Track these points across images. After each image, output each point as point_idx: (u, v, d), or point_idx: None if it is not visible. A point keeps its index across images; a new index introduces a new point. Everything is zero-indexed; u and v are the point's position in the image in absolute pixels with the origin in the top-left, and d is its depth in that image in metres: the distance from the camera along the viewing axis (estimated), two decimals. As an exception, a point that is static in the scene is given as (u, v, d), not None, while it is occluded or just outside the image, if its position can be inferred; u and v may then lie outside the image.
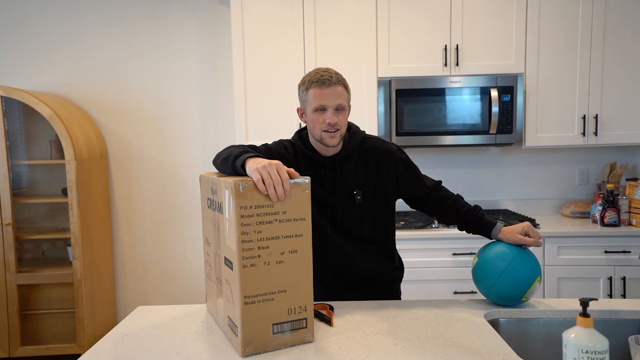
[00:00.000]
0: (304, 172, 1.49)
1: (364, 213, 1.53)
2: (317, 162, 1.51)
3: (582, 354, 0.94)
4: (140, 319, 1.38)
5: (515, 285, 1.35)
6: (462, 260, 2.56)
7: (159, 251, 3.24)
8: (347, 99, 1.45)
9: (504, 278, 1.35)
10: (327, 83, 1.40)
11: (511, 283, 1.34)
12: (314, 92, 1.41)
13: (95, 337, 2.95)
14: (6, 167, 2.75)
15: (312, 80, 1.42)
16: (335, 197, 1.50)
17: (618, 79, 2.75)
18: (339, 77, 1.43)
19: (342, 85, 1.43)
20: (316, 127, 1.43)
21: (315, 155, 1.50)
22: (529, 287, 1.35)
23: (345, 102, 1.43)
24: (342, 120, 1.43)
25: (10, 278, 2.80)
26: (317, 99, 1.40)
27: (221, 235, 1.18)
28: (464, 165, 3.14)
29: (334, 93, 1.40)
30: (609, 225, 2.62)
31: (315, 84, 1.41)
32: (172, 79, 3.17)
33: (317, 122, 1.42)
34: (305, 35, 2.78)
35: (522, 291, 1.35)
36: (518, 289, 1.35)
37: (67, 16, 3.12)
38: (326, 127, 1.41)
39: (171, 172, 3.21)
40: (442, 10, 2.75)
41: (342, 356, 1.10)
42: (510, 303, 1.38)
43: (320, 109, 1.41)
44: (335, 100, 1.40)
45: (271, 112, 2.84)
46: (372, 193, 1.53)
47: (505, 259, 1.37)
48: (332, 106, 1.41)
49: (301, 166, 1.51)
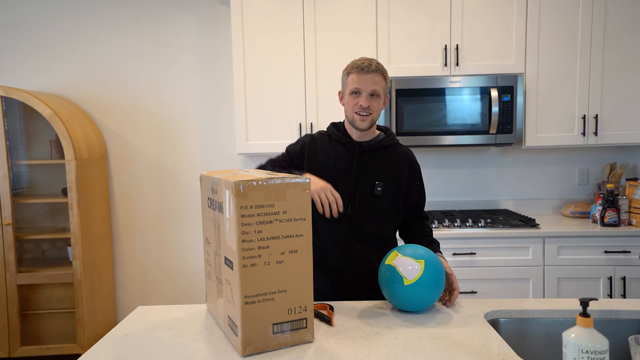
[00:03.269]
0: (334, 154, 1.59)
1: (378, 207, 1.58)
2: (348, 148, 1.59)
3: (582, 354, 0.94)
4: (140, 319, 1.38)
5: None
6: (462, 260, 2.56)
7: (159, 251, 3.24)
8: (384, 87, 1.54)
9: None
10: (366, 70, 1.50)
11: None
12: (352, 77, 1.53)
13: (95, 337, 2.95)
14: (6, 167, 2.75)
15: (354, 66, 1.53)
16: (358, 183, 1.56)
17: (618, 79, 2.75)
18: (378, 66, 1.53)
19: (381, 74, 1.53)
20: (350, 109, 1.55)
21: (347, 138, 1.60)
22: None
23: (380, 89, 1.52)
24: (375, 105, 1.53)
25: (10, 278, 2.80)
26: (354, 83, 1.52)
27: (221, 235, 1.18)
28: (463, 165, 3.14)
29: (370, 79, 1.51)
30: (609, 225, 2.62)
31: (356, 69, 1.52)
32: (172, 79, 3.17)
33: (351, 104, 1.54)
34: (305, 35, 2.78)
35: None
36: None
37: (67, 16, 3.12)
38: (358, 109, 1.52)
39: (171, 171, 3.21)
40: (442, 10, 2.75)
41: (342, 356, 1.10)
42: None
43: (355, 92, 1.53)
44: (370, 85, 1.51)
45: (271, 112, 2.84)
46: (390, 191, 1.60)
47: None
48: (367, 91, 1.51)
49: (333, 148, 1.60)
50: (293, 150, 1.64)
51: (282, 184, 1.11)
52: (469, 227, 2.60)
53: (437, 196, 3.16)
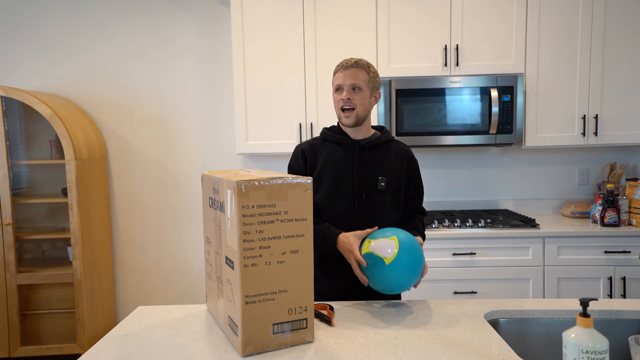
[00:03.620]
0: (334, 156, 1.60)
1: (383, 202, 1.60)
2: (347, 147, 1.61)
3: (582, 354, 0.94)
4: (140, 319, 1.38)
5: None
6: (462, 260, 2.56)
7: (159, 251, 3.24)
8: (366, 80, 1.56)
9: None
10: (346, 66, 1.55)
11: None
12: (337, 75, 1.58)
13: (95, 337, 2.95)
14: (6, 167, 2.74)
15: (338, 65, 1.58)
16: (362, 179, 1.58)
17: (618, 79, 2.75)
18: (360, 63, 1.56)
19: (363, 69, 1.55)
20: (336, 106, 1.59)
21: (345, 137, 1.62)
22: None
23: (361, 83, 1.54)
24: (358, 99, 1.55)
25: (10, 278, 2.80)
26: (338, 80, 1.57)
27: (222, 235, 1.18)
28: (463, 165, 3.14)
29: (350, 74, 1.54)
30: (609, 225, 2.62)
31: (340, 67, 1.57)
32: (172, 79, 3.17)
33: (336, 101, 1.58)
34: (305, 35, 2.78)
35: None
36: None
37: (67, 16, 3.12)
38: (342, 104, 1.55)
39: (171, 171, 3.21)
40: (442, 10, 2.75)
41: (342, 356, 1.10)
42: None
43: (338, 88, 1.57)
44: (350, 79, 1.54)
45: (271, 112, 2.84)
46: (392, 185, 1.62)
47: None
48: (348, 84, 1.54)
49: (331, 151, 1.62)
50: (296, 165, 1.64)
51: (283, 184, 1.11)
52: (469, 227, 2.60)
53: (437, 196, 3.16)
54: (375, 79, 1.59)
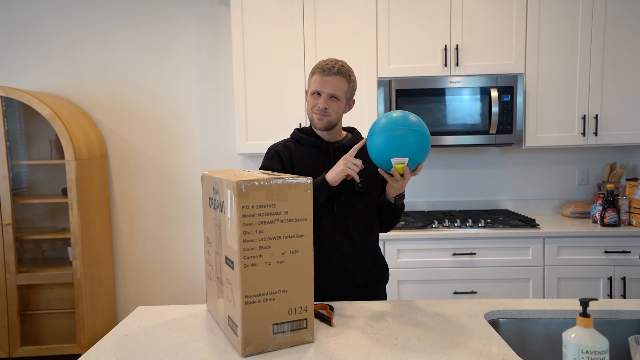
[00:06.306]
0: (309, 159, 1.59)
1: (361, 203, 1.59)
2: (321, 149, 1.60)
3: (582, 354, 0.94)
4: (140, 319, 1.38)
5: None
6: (462, 260, 2.56)
7: (159, 251, 3.24)
8: (345, 91, 1.54)
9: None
10: (327, 72, 1.51)
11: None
12: (315, 78, 1.54)
13: (95, 337, 2.95)
14: (6, 167, 2.74)
15: (318, 66, 1.54)
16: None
17: (618, 79, 2.75)
18: (342, 69, 1.52)
19: (344, 77, 1.53)
20: (309, 109, 1.57)
21: (319, 141, 1.61)
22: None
23: (340, 93, 1.53)
24: (334, 107, 1.54)
25: (10, 278, 2.80)
26: (316, 84, 1.53)
27: (222, 235, 1.18)
28: (464, 165, 3.14)
29: (331, 82, 1.51)
30: (609, 225, 2.62)
31: (319, 70, 1.53)
32: (172, 79, 3.17)
33: (312, 104, 1.56)
34: (305, 35, 2.79)
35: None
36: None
37: (66, 16, 3.12)
38: (317, 111, 1.54)
39: (171, 171, 3.21)
40: (442, 11, 2.75)
41: (342, 356, 1.10)
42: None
43: (316, 93, 1.54)
44: (330, 88, 1.51)
45: (271, 111, 2.84)
46: (369, 185, 1.61)
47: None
48: (327, 93, 1.52)
49: (306, 153, 1.60)
50: (272, 166, 1.60)
51: (283, 184, 1.11)
52: (469, 227, 2.60)
53: (437, 196, 3.16)
54: (353, 88, 1.58)
